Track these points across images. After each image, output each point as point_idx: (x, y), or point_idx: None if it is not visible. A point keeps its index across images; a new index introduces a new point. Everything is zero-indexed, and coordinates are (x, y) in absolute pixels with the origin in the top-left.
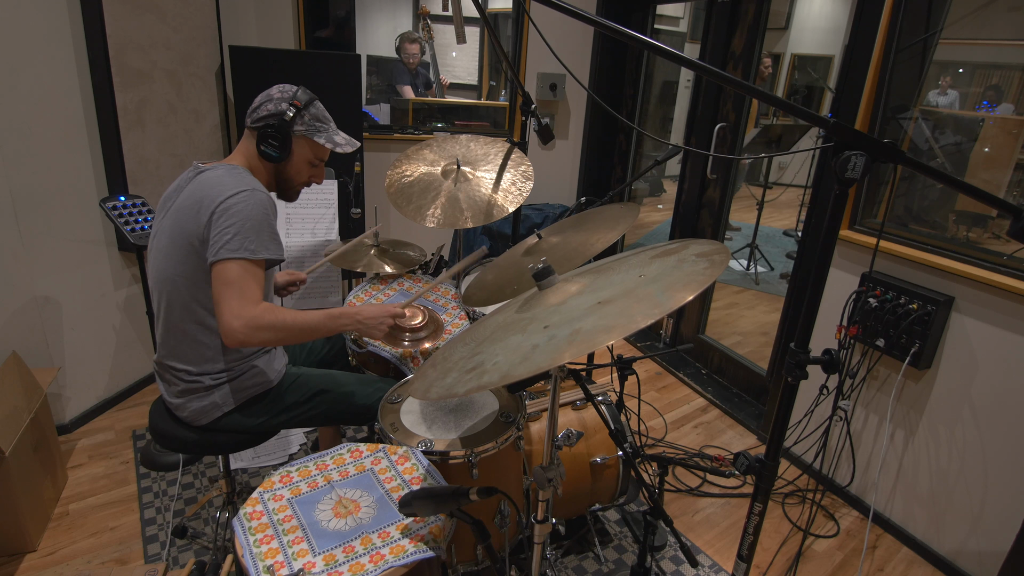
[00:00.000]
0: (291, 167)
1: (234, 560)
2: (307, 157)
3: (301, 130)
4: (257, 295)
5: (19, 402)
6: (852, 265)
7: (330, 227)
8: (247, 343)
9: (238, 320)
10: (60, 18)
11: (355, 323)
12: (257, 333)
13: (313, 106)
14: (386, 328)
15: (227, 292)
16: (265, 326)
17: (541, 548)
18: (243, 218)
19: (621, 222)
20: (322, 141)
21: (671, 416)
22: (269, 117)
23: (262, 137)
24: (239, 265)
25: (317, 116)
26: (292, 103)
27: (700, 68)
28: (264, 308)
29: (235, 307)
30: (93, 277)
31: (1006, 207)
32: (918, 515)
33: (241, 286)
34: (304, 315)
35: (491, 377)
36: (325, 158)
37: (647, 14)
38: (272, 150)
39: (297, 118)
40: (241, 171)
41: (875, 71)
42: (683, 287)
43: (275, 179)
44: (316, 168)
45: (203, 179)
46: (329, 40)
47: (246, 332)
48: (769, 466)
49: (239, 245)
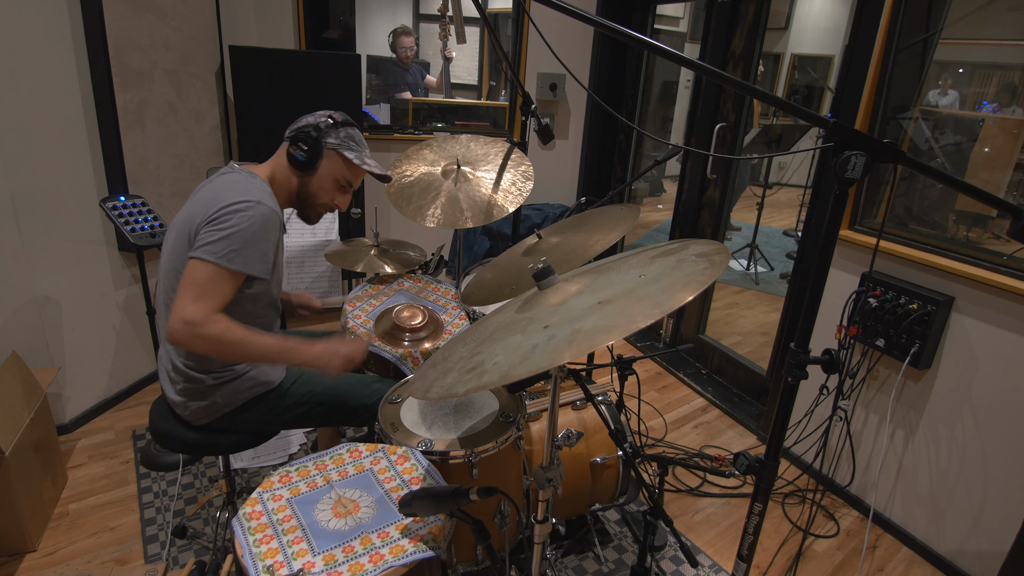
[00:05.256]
0: (315, 181)
1: (234, 560)
2: (334, 174)
3: (334, 143)
4: (215, 303)
5: (19, 402)
6: (852, 265)
7: (330, 227)
8: (184, 346)
9: (181, 321)
10: (60, 18)
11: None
12: (196, 340)
13: (351, 128)
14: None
15: (186, 289)
16: (208, 336)
17: (541, 548)
18: (236, 227)
19: (621, 222)
20: (352, 157)
21: (671, 416)
22: (306, 127)
23: (293, 142)
24: (209, 268)
25: (352, 137)
26: (331, 117)
27: (700, 68)
28: (215, 319)
29: (186, 307)
30: (93, 277)
31: (1006, 207)
32: (918, 515)
33: (203, 289)
34: (256, 340)
35: (491, 377)
36: (354, 182)
37: (647, 14)
38: (300, 154)
39: (332, 130)
40: (259, 180)
41: (875, 71)
42: (683, 287)
43: (298, 194)
44: (343, 191)
45: (219, 181)
46: (329, 40)
47: (185, 335)
48: (769, 466)
49: (218, 250)
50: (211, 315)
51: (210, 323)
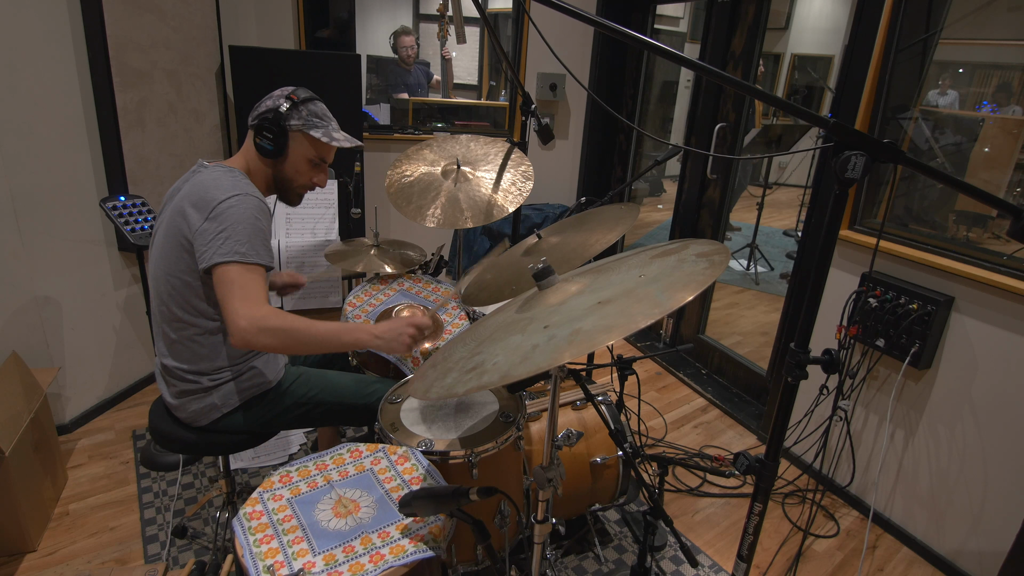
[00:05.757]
0: (289, 165)
1: (234, 560)
2: (306, 155)
3: (297, 124)
4: (261, 296)
5: (19, 402)
6: (852, 265)
7: (330, 227)
8: (253, 344)
9: (244, 319)
10: (60, 18)
11: (372, 338)
12: (262, 336)
13: (312, 103)
14: (407, 340)
15: (230, 292)
16: (272, 329)
17: (541, 548)
18: (233, 223)
19: (621, 222)
20: (318, 135)
21: (671, 416)
22: (266, 112)
23: (258, 130)
24: (235, 268)
25: (315, 113)
26: (289, 97)
27: (700, 68)
28: (271, 311)
29: (239, 307)
30: (93, 277)
31: (1006, 207)
32: (918, 515)
33: (243, 286)
34: (315, 325)
35: (491, 377)
36: (327, 158)
37: (647, 14)
38: (267, 143)
39: (293, 112)
40: (237, 173)
41: (875, 71)
42: (683, 287)
43: (274, 180)
44: (318, 169)
45: (198, 179)
46: (329, 40)
47: (253, 332)
48: (769, 466)
49: (230, 249)
50: (264, 307)
51: (270, 316)
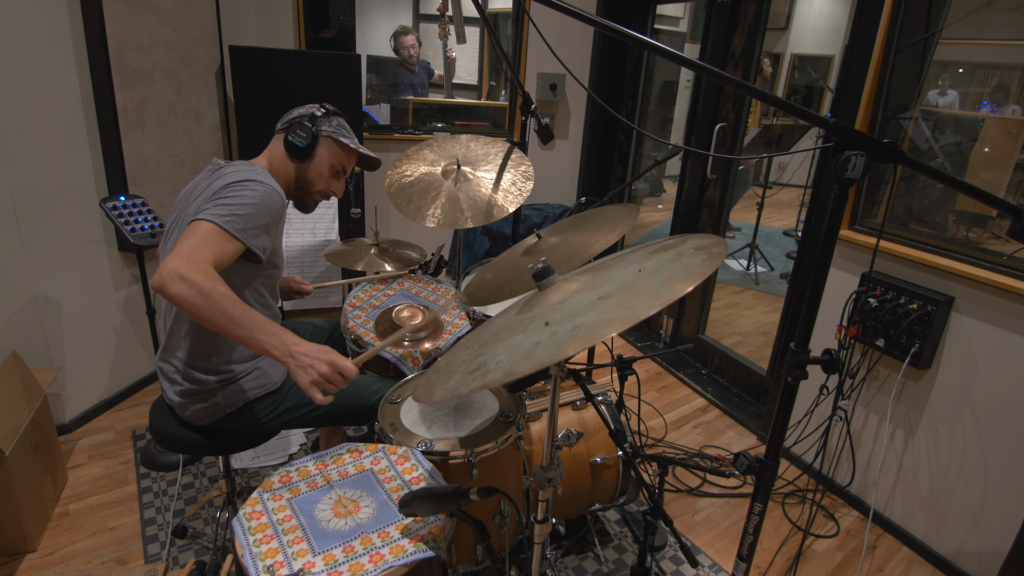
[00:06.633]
0: (313, 168)
1: (234, 560)
2: (330, 160)
3: (328, 130)
4: (209, 256)
5: (19, 402)
6: (852, 265)
7: (330, 227)
8: (165, 288)
9: (176, 262)
10: (60, 18)
11: (285, 354)
12: (179, 283)
13: (340, 117)
14: (314, 375)
15: (185, 241)
16: (193, 281)
17: (541, 548)
18: (241, 200)
19: (621, 222)
20: (347, 142)
21: (671, 416)
22: (299, 117)
23: (291, 129)
24: (209, 226)
25: (343, 125)
26: (322, 106)
27: (700, 68)
28: (205, 268)
29: (181, 252)
30: (93, 277)
31: (1006, 207)
32: (918, 515)
33: (205, 242)
34: (241, 306)
35: (495, 375)
36: (348, 168)
37: (647, 14)
38: (299, 140)
39: (325, 119)
40: (259, 168)
41: (875, 71)
42: (683, 278)
43: (295, 182)
44: (337, 177)
45: (220, 172)
46: (329, 40)
47: (174, 277)
48: (769, 466)
49: (221, 213)
50: (204, 266)
51: (200, 272)
